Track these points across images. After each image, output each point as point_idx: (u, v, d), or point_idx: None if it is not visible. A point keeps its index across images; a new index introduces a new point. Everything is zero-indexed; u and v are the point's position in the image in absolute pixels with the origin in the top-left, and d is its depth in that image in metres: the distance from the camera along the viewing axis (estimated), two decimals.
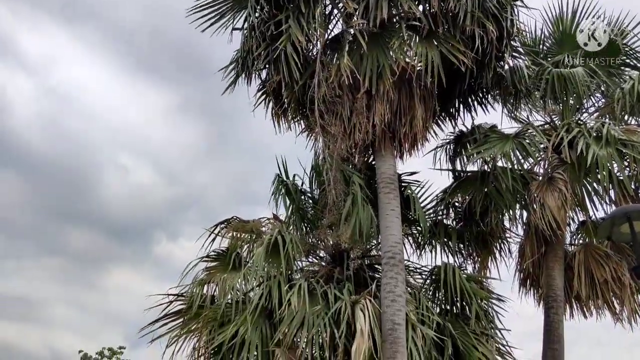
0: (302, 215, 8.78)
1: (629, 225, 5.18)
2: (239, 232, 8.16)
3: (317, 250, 8.70)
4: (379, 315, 6.93)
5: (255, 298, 7.01)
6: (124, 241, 50.83)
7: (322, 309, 6.89)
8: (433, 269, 8.28)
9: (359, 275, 7.99)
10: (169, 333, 7.38)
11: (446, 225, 8.89)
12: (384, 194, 7.66)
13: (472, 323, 7.57)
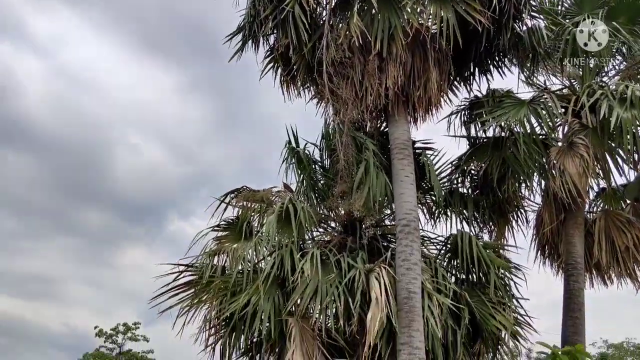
0: (313, 185, 8.60)
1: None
2: (249, 201, 8.02)
3: (329, 220, 8.57)
4: (394, 283, 6.79)
5: (267, 267, 6.87)
6: (137, 220, 51.17)
7: (336, 278, 6.75)
8: (448, 238, 8.11)
9: (372, 245, 7.83)
10: (180, 304, 7.30)
11: (461, 193, 8.68)
12: (397, 160, 7.44)
13: (490, 292, 7.43)
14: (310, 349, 6.43)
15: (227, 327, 7.12)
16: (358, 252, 7.33)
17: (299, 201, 7.51)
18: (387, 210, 8.62)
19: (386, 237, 8.35)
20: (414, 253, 6.93)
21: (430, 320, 6.68)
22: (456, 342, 7.03)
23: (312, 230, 7.95)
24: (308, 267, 6.60)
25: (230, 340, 7.19)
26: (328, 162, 8.89)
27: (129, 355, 29.61)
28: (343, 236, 7.86)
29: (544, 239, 8.49)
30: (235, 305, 6.76)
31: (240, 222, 7.69)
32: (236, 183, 8.16)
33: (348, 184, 7.72)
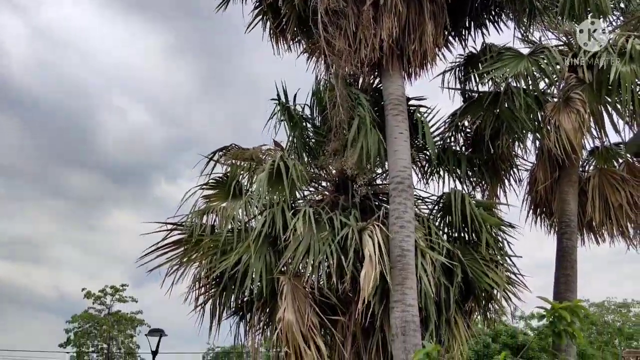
0: (304, 143, 8.41)
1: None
2: (238, 159, 7.84)
3: (320, 179, 8.43)
4: (387, 241, 6.70)
5: (258, 225, 6.74)
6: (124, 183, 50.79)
7: (329, 236, 6.65)
8: (441, 196, 8.00)
9: (364, 204, 7.70)
10: (169, 263, 7.17)
11: (454, 151, 8.53)
12: (392, 116, 7.26)
13: (482, 250, 7.37)
14: (302, 307, 6.37)
15: (217, 286, 7.04)
16: (351, 210, 7.21)
17: (290, 158, 7.31)
18: (379, 170, 8.48)
19: (378, 196, 8.22)
20: (407, 211, 6.82)
21: (423, 278, 6.62)
22: (449, 300, 7.00)
23: (303, 188, 7.82)
24: (300, 224, 6.48)
25: (220, 300, 7.12)
26: (319, 120, 8.67)
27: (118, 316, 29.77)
28: (335, 195, 7.72)
29: (537, 197, 8.42)
30: (226, 263, 6.65)
31: (229, 180, 7.53)
32: (223, 145, 7.97)
33: (341, 141, 7.54)
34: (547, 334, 4.05)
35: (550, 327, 3.68)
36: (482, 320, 7.57)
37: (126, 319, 29.71)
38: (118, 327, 29.63)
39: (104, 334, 29.10)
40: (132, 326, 29.96)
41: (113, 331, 29.34)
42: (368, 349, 6.74)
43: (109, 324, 29.18)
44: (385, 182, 8.41)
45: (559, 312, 3.68)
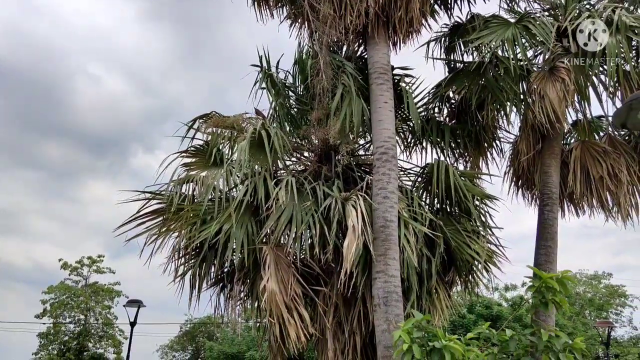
0: (286, 112, 8.29)
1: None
2: (218, 127, 7.68)
3: (303, 150, 8.31)
4: (370, 212, 6.64)
5: (240, 194, 6.64)
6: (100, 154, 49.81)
7: (311, 206, 6.59)
8: (425, 167, 7.99)
9: (347, 174, 7.65)
10: (147, 232, 7.05)
11: (438, 122, 8.48)
12: (376, 85, 7.14)
13: (465, 221, 7.41)
14: (285, 277, 6.32)
15: (197, 257, 6.97)
16: (334, 180, 7.15)
17: (272, 127, 7.17)
18: (362, 141, 8.45)
19: (361, 167, 8.15)
20: (391, 182, 6.75)
21: (406, 249, 6.60)
22: (430, 271, 7.01)
23: (286, 158, 7.71)
24: (283, 194, 6.39)
25: (200, 270, 7.06)
26: (302, 89, 8.58)
27: (95, 287, 29.50)
28: (318, 165, 7.64)
29: (519, 169, 8.41)
30: (206, 233, 6.54)
31: (210, 148, 7.40)
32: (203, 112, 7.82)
33: (324, 110, 7.43)
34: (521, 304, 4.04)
35: (537, 297, 3.65)
36: (463, 290, 7.59)
37: (104, 290, 29.45)
38: (95, 298, 29.37)
39: (81, 305, 28.84)
40: (110, 297, 29.73)
41: (90, 302, 29.09)
42: (350, 319, 6.73)
43: (86, 295, 28.91)
44: (368, 154, 8.37)
45: (548, 282, 3.65)
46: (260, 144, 6.90)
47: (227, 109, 25.65)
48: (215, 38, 39.70)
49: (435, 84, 8.55)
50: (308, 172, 7.50)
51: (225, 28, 38.62)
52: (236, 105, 19.46)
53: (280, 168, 7.70)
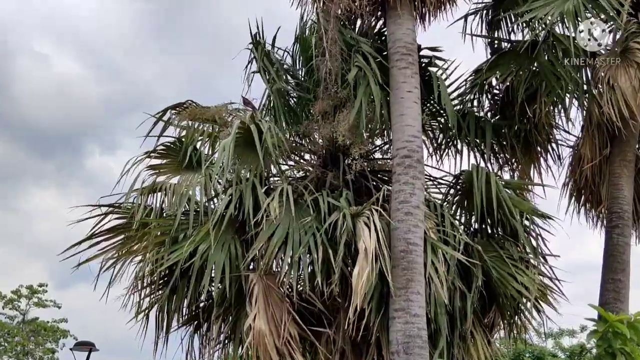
0: (284, 102, 8.37)
1: None
2: (196, 120, 7.81)
3: (303, 151, 8.45)
4: (388, 232, 6.67)
5: (221, 206, 6.68)
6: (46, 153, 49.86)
7: (313, 222, 6.62)
8: (459, 175, 8.01)
9: (359, 183, 7.72)
10: (102, 255, 7.18)
11: (478, 117, 8.50)
12: (398, 69, 7.17)
13: (510, 246, 7.43)
14: (277, 314, 6.34)
15: (166, 287, 7.03)
16: (342, 190, 7.18)
17: (265, 121, 7.23)
18: (379, 141, 8.56)
19: (378, 173, 8.27)
20: (415, 193, 6.77)
21: (433, 280, 6.60)
22: (465, 310, 7.02)
23: (281, 160, 7.83)
24: (276, 206, 6.42)
25: (169, 304, 7.12)
26: (303, 73, 8.67)
27: (35, 325, 29.54)
28: (322, 170, 7.70)
29: (581, 180, 8.45)
30: (178, 256, 6.58)
31: (184, 147, 7.50)
32: None
33: (331, 100, 7.51)
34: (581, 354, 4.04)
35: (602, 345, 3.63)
36: (507, 335, 7.58)
37: (46, 329, 29.50)
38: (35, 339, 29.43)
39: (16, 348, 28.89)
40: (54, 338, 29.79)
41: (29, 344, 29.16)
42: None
43: (23, 334, 28.98)
44: (387, 157, 8.47)
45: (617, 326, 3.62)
46: (249, 143, 6.93)
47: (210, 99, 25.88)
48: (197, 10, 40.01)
49: (473, 69, 8.57)
50: (309, 179, 7.52)
51: None
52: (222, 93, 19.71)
53: (273, 173, 7.75)
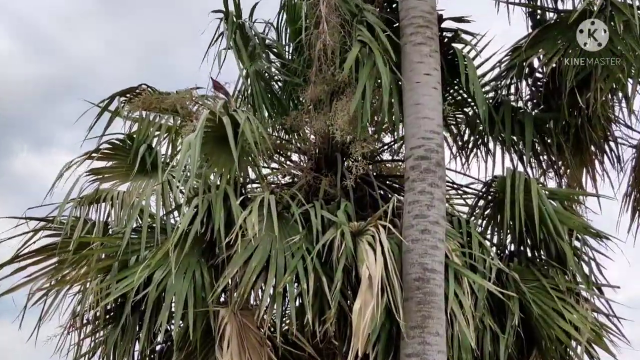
0: (266, 87, 8.35)
1: None
2: (152, 110, 7.92)
3: (290, 149, 8.49)
4: (399, 255, 6.64)
5: (184, 221, 6.62)
6: None
7: (302, 242, 6.60)
8: (491, 182, 8.04)
9: (362, 191, 7.74)
10: (30, 283, 7.24)
11: (516, 109, 8.54)
12: (413, 45, 7.12)
13: (556, 273, 7.42)
14: None
15: (114, 324, 7.07)
16: (340, 201, 7.16)
17: (242, 110, 7.16)
18: (387, 138, 8.61)
19: (385, 180, 8.29)
20: (434, 205, 6.71)
21: (457, 318, 6.57)
22: (497, 355, 6.97)
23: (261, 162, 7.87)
24: (254, 222, 6.38)
25: (117, 347, 7.07)
26: (291, 51, 8.70)
27: None
28: (315, 175, 7.70)
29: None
30: (127, 285, 6.57)
31: (136, 144, 7.56)
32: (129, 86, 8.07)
33: (327, 84, 7.49)
34: None
35: None
36: None
37: None
38: None
39: None
40: None
41: None
42: None
43: None
44: (398, 159, 8.55)
45: None
46: (220, 139, 6.90)
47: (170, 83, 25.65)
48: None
49: (510, 47, 8.59)
50: (298, 185, 7.54)
51: None
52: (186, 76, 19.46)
53: (252, 179, 7.80)
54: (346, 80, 7.27)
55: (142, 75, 34.51)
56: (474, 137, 8.68)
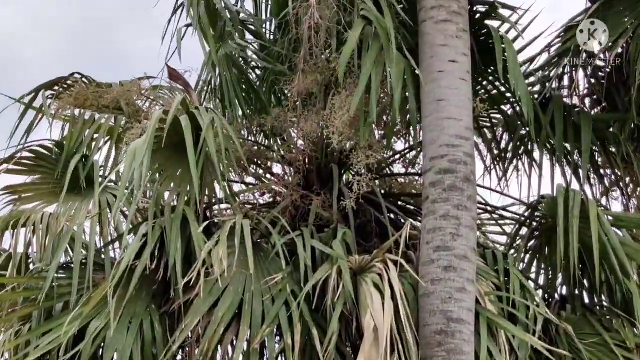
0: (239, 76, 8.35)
1: None
2: (88, 107, 7.94)
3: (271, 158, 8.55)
4: (414, 299, 6.65)
5: (129, 254, 6.58)
6: None
7: (286, 282, 6.60)
8: (536, 204, 8.11)
9: (366, 214, 7.80)
10: None
11: (569, 107, 8.57)
12: (434, 23, 7.17)
13: (623, 326, 7.42)
14: None
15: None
16: (336, 227, 7.16)
17: (207, 108, 7.19)
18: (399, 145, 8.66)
19: (396, 200, 8.37)
20: (461, 234, 6.70)
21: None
22: None
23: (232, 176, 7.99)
24: (222, 255, 6.34)
25: None
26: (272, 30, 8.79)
27: None
28: (303, 193, 7.73)
29: None
30: (53, 341, 6.54)
31: (66, 152, 7.59)
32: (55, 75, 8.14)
33: (320, 74, 7.54)
34: None
35: None
36: None
37: None
38: None
39: None
40: None
41: None
42: None
43: None
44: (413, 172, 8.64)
45: None
46: (178, 146, 6.91)
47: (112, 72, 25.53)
48: None
49: (562, 26, 8.66)
50: (281, 207, 7.58)
51: None
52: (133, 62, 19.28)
53: (219, 198, 7.75)
54: (345, 69, 7.25)
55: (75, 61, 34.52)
56: (514, 144, 8.75)
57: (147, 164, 6.53)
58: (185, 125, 6.73)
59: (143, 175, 6.53)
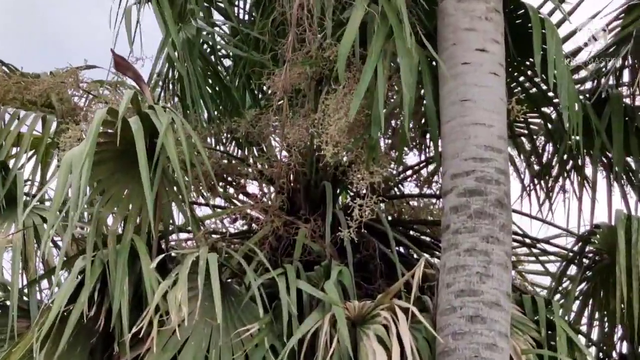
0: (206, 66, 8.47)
1: None
2: (9, 103, 8.02)
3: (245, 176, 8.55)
4: (430, 358, 6.64)
5: (61, 297, 6.58)
6: None
7: (263, 334, 6.59)
8: (589, 235, 8.14)
9: (368, 247, 7.83)
10: None
11: (629, 109, 8.64)
12: (456, 1, 7.21)
13: None
14: None
15: None
16: (330, 264, 7.18)
17: (164, 107, 7.18)
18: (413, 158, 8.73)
19: (409, 229, 8.43)
20: (492, 273, 6.70)
21: None
22: None
23: (195, 196, 8.02)
24: (181, 299, 6.34)
25: None
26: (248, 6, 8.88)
27: None
28: (288, 219, 7.74)
29: None
30: None
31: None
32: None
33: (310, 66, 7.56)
34: None
35: None
36: None
37: None
38: None
39: None
40: None
41: None
42: None
43: None
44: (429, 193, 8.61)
45: None
46: (127, 156, 6.93)
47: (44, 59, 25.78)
48: None
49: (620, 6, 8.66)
50: (259, 237, 7.59)
51: None
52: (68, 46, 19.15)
53: (179, 225, 7.75)
54: (347, 62, 7.25)
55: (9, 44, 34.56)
56: (559, 158, 8.73)
57: (85, 179, 6.52)
58: (136, 129, 6.72)
59: (81, 192, 6.54)
